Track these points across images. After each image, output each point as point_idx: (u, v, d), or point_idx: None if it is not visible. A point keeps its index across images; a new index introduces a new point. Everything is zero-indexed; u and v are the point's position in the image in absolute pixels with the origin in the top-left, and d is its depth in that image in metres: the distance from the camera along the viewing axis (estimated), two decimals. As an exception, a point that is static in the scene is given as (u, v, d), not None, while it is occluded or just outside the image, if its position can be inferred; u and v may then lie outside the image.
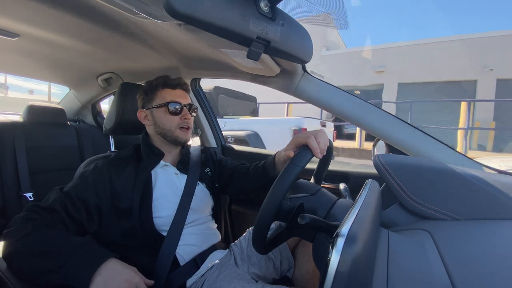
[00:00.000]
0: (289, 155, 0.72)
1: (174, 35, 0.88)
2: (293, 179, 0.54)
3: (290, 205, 0.57)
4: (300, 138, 0.69)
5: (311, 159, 0.61)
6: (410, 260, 0.46)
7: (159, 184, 0.81)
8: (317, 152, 0.63)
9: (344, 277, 0.28)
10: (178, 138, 0.85)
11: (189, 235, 0.80)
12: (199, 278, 0.75)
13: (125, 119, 1.00)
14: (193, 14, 0.41)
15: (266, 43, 0.52)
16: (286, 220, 0.58)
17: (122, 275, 0.57)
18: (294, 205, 0.57)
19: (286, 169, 0.55)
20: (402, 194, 0.63)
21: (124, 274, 0.57)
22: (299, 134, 0.70)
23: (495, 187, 0.59)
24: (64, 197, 0.69)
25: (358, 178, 1.03)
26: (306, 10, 0.63)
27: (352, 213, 0.36)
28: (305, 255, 0.86)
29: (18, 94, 11.84)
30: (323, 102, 0.86)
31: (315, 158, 0.65)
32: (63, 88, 1.71)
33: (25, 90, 14.19)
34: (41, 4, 0.71)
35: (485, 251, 0.48)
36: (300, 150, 0.62)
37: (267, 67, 0.85)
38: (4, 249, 0.59)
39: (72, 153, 1.48)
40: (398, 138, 0.81)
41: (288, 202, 0.58)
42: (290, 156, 0.69)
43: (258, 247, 0.57)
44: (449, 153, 0.78)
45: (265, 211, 0.53)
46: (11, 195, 1.21)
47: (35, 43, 1.02)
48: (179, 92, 0.87)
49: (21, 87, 16.08)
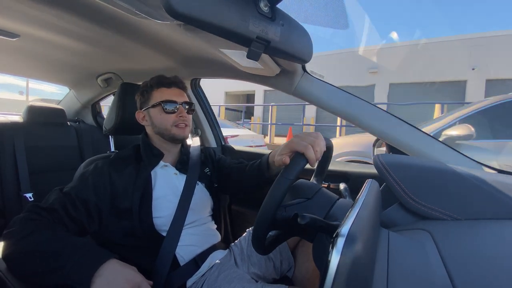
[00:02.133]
0: (284, 161, 0.67)
1: (174, 35, 0.88)
2: (284, 192, 0.53)
3: (285, 215, 0.56)
4: (297, 145, 0.62)
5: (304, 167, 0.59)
6: (410, 260, 0.46)
7: (159, 184, 0.81)
8: (313, 163, 0.60)
9: (344, 277, 0.28)
10: (175, 136, 0.84)
11: (189, 236, 0.80)
12: (199, 278, 0.75)
13: (125, 119, 1.00)
14: (193, 14, 0.41)
15: (266, 43, 0.52)
16: (282, 228, 0.58)
17: (124, 274, 0.57)
18: (289, 214, 0.55)
19: (277, 183, 0.53)
20: (402, 194, 0.63)
21: (125, 274, 0.57)
22: (296, 139, 0.64)
23: (495, 187, 0.59)
24: (64, 197, 0.69)
25: (358, 178, 1.03)
26: (306, 10, 0.63)
27: (352, 213, 0.36)
28: (305, 255, 0.86)
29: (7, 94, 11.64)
30: (323, 102, 0.86)
31: None
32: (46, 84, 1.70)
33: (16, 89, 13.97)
34: (41, 4, 0.71)
35: (485, 251, 0.48)
36: (293, 160, 0.59)
37: (267, 67, 0.85)
38: (4, 249, 0.59)
39: (72, 153, 1.48)
40: (398, 138, 0.81)
41: (283, 211, 0.56)
42: (286, 163, 0.65)
43: (258, 248, 0.57)
44: (449, 153, 0.78)
45: (259, 223, 0.52)
46: (11, 195, 1.21)
47: (35, 43, 1.02)
48: (174, 91, 0.86)
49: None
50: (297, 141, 0.63)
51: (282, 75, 0.89)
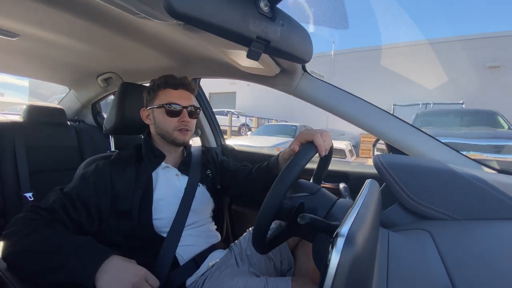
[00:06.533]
0: (294, 149, 0.70)
1: (174, 35, 0.88)
2: (294, 178, 0.54)
3: (291, 204, 0.57)
4: (305, 135, 0.67)
5: (313, 157, 0.61)
6: (410, 260, 0.46)
7: (160, 185, 0.80)
8: (322, 150, 0.63)
9: (344, 277, 0.28)
10: (176, 140, 0.83)
11: (189, 237, 0.80)
12: (199, 277, 0.75)
13: (125, 119, 1.00)
14: (193, 14, 0.41)
15: (266, 43, 0.52)
16: (286, 219, 0.58)
17: (129, 268, 0.58)
18: (295, 204, 0.57)
19: (287, 168, 0.55)
20: (402, 194, 0.63)
21: (130, 267, 0.58)
22: (304, 132, 0.69)
23: (495, 187, 0.59)
24: (64, 197, 0.69)
25: (358, 178, 1.03)
26: (306, 10, 0.63)
27: (352, 213, 0.36)
28: (305, 255, 0.86)
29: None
30: (323, 102, 0.86)
31: (314, 158, 0.65)
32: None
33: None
34: (41, 4, 0.71)
35: (485, 251, 0.48)
36: (303, 148, 0.62)
37: (267, 67, 0.85)
38: (4, 249, 0.59)
39: (72, 153, 1.48)
40: (398, 138, 0.81)
41: (289, 201, 0.57)
42: (295, 151, 0.68)
43: (258, 247, 0.57)
44: (449, 153, 0.78)
45: (266, 210, 0.53)
46: (11, 195, 1.21)
47: (35, 43, 1.02)
48: (181, 93, 0.84)
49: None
50: (305, 132, 0.68)
51: (282, 75, 0.89)
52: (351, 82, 11.15)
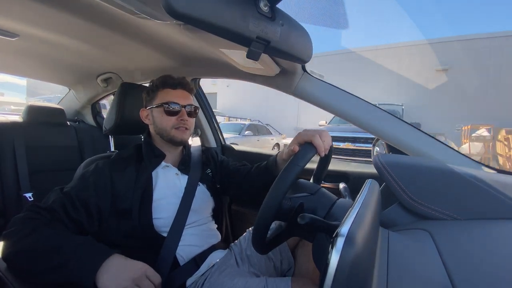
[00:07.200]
0: (294, 150, 0.70)
1: (174, 35, 0.88)
2: (294, 178, 0.54)
3: (290, 205, 0.57)
4: (304, 136, 0.67)
5: (312, 157, 0.61)
6: (410, 260, 0.46)
7: (160, 185, 0.81)
8: (321, 150, 0.63)
9: (344, 277, 0.28)
10: (174, 138, 0.84)
11: (189, 236, 0.80)
12: (199, 277, 0.75)
13: (125, 119, 1.00)
14: (193, 14, 0.41)
15: (265, 43, 0.52)
16: (286, 219, 0.58)
17: (130, 265, 0.58)
18: (294, 204, 0.57)
19: (287, 168, 0.55)
20: (402, 194, 0.63)
21: (132, 265, 0.58)
22: (302, 132, 0.69)
23: (495, 187, 0.59)
24: (64, 197, 0.69)
25: (358, 178, 1.03)
26: (306, 10, 0.63)
27: (351, 213, 0.36)
28: (305, 255, 0.86)
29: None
30: (323, 102, 0.86)
31: (314, 158, 0.65)
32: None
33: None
34: (41, 4, 0.71)
35: (485, 251, 0.48)
36: (302, 148, 0.62)
37: (267, 67, 0.85)
38: (4, 249, 0.59)
39: (72, 153, 1.48)
40: (398, 138, 0.81)
41: (288, 201, 0.57)
42: (295, 151, 0.68)
43: (258, 247, 0.57)
44: (449, 153, 0.78)
45: (265, 210, 0.53)
46: (11, 195, 1.21)
47: (35, 43, 1.02)
48: (179, 93, 0.85)
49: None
50: (304, 132, 0.68)
51: (282, 75, 0.89)
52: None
